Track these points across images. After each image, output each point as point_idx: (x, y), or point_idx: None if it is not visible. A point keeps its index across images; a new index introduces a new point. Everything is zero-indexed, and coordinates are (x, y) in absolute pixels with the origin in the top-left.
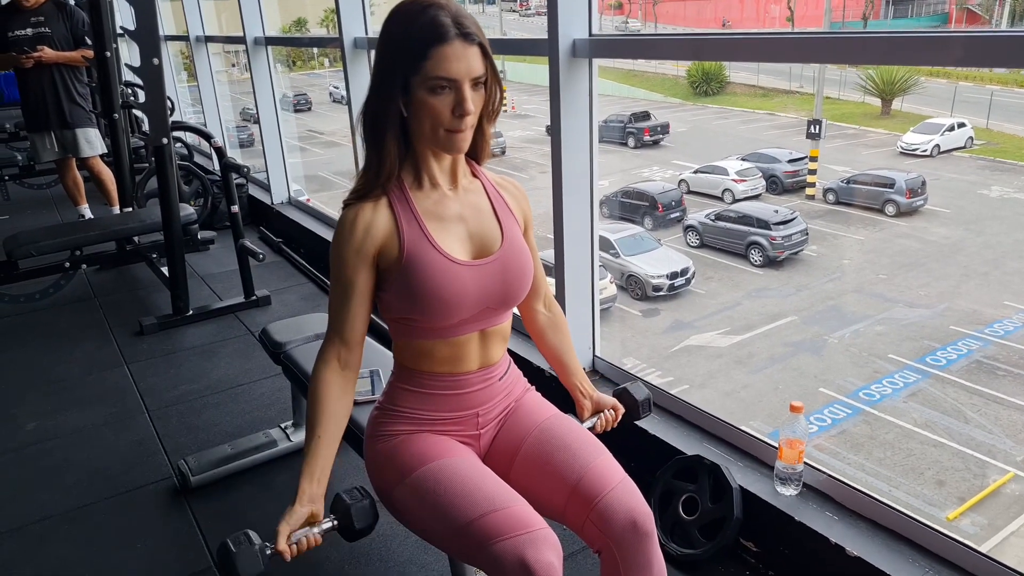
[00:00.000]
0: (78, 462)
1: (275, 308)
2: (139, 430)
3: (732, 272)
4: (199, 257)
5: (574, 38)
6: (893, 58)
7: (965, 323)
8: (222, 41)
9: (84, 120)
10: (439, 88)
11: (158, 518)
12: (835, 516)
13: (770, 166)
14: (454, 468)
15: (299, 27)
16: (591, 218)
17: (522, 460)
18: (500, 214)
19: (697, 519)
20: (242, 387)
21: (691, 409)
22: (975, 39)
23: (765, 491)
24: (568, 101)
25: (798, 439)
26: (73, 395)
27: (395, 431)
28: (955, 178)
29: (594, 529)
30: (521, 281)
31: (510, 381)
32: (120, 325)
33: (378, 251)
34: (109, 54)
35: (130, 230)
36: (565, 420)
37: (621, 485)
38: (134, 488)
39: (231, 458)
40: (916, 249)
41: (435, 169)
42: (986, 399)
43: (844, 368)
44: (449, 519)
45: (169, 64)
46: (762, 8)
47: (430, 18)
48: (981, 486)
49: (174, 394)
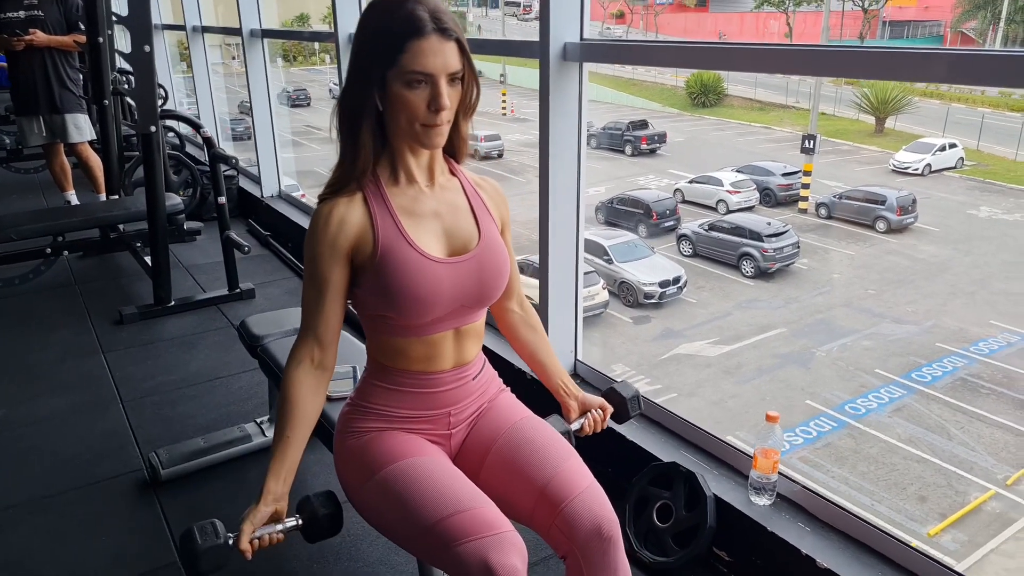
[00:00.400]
0: (47, 451)
1: (259, 301)
2: (111, 420)
3: (723, 282)
4: (185, 247)
5: (565, 41)
6: (879, 72)
7: (951, 341)
8: (219, 32)
9: (74, 105)
10: (415, 82)
11: (125, 510)
12: (807, 527)
13: (764, 179)
14: (422, 467)
15: (302, 22)
16: (577, 222)
17: (492, 461)
18: (477, 212)
19: (671, 526)
20: (220, 380)
21: (669, 416)
22: (961, 57)
23: (739, 500)
24: (558, 103)
25: (773, 449)
26: (47, 382)
27: (366, 428)
28: (945, 197)
29: (559, 534)
30: (497, 280)
31: (484, 381)
32: (100, 313)
33: (352, 246)
34: (102, 40)
35: (114, 217)
36: (537, 422)
37: (588, 490)
38: (103, 479)
39: (203, 452)
40: (905, 266)
41: (412, 165)
42: (969, 416)
43: (831, 381)
44: (414, 519)
45: (166, 53)
46: (761, 23)
47: (407, 12)
48: (962, 503)
49: (150, 385)
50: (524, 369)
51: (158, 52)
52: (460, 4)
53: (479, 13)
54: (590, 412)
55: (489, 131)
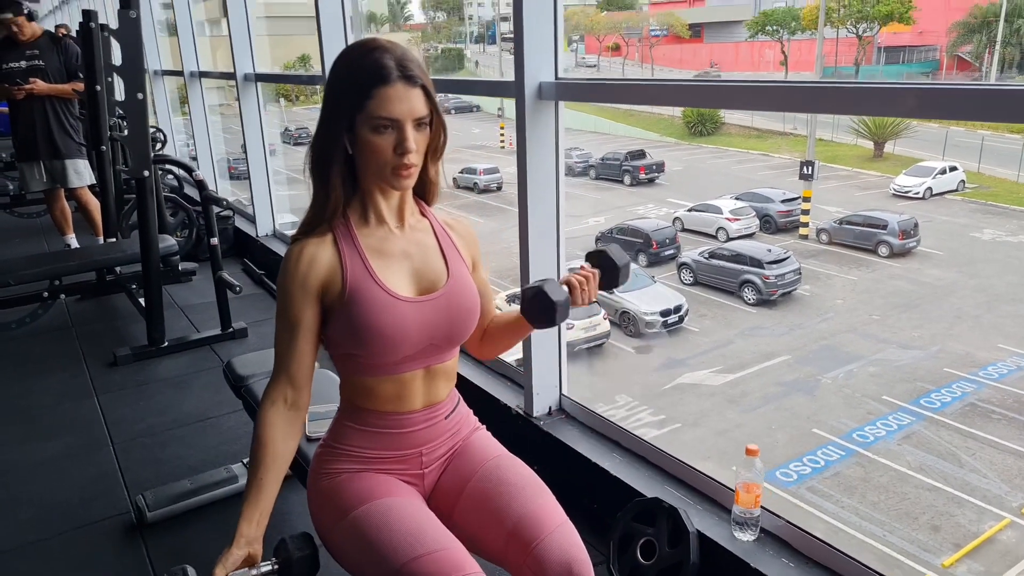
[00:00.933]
0: (36, 495)
1: (251, 340)
2: (101, 463)
3: (725, 310)
4: (181, 288)
5: (540, 81)
6: (846, 108)
7: (959, 365)
8: (216, 77)
9: (74, 151)
10: (382, 127)
11: (110, 554)
12: (791, 563)
13: (764, 205)
14: (392, 508)
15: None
16: (558, 256)
17: (465, 501)
18: (447, 252)
19: (655, 563)
20: (210, 420)
21: (652, 450)
22: (926, 91)
23: (722, 536)
24: (534, 142)
25: (754, 483)
26: (40, 426)
27: (338, 469)
28: (947, 220)
29: (530, 574)
30: (467, 319)
31: (457, 420)
32: (95, 355)
33: (322, 286)
34: (100, 88)
35: (109, 260)
36: (511, 461)
37: (559, 530)
38: (90, 523)
39: (190, 493)
40: (909, 290)
41: (382, 206)
42: (981, 443)
43: (837, 409)
44: (383, 560)
45: (166, 98)
46: (756, 53)
47: (374, 60)
48: (977, 532)
49: (141, 426)
50: (509, 405)
51: (158, 97)
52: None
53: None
54: (573, 276)
55: (488, 164)
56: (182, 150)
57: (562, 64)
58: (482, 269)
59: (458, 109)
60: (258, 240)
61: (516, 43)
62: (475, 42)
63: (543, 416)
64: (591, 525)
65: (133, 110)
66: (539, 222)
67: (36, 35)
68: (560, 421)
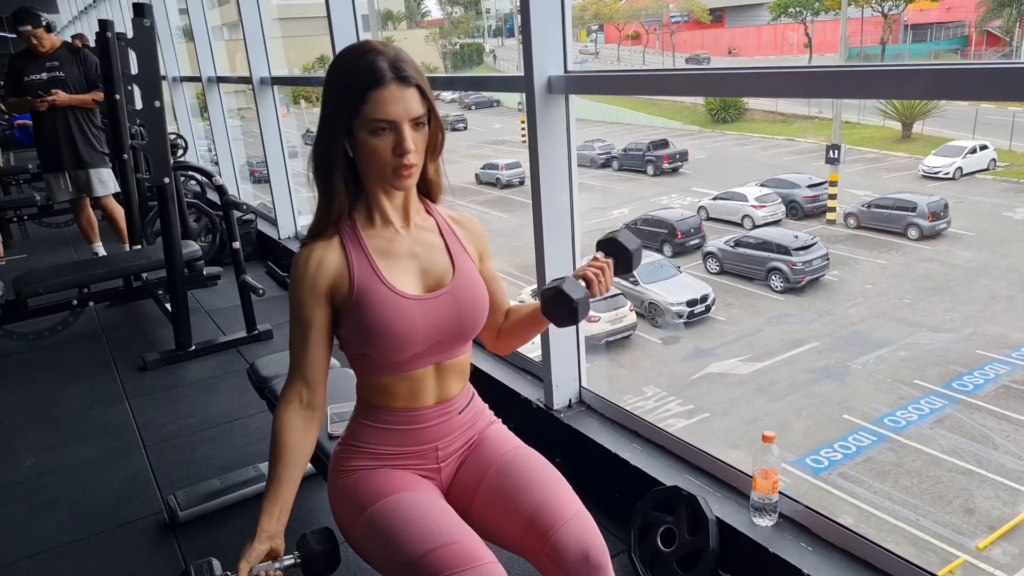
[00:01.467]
0: (72, 497)
1: (276, 341)
2: (134, 465)
3: (752, 298)
4: (206, 293)
5: (549, 75)
6: (859, 92)
7: (992, 347)
8: (234, 82)
9: (97, 160)
10: (379, 129)
11: (145, 553)
12: (810, 547)
13: (790, 191)
14: (408, 502)
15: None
16: (573, 250)
17: (482, 494)
18: (452, 249)
19: (675, 551)
20: (238, 421)
21: (672, 439)
22: (939, 72)
23: (742, 522)
24: (545, 136)
25: (772, 469)
26: (73, 430)
27: (356, 466)
28: (979, 200)
29: (548, 562)
30: (475, 314)
31: (471, 415)
32: (125, 361)
33: (330, 288)
34: (119, 97)
35: (135, 267)
36: (527, 452)
37: (575, 518)
38: (124, 523)
39: (219, 492)
40: (940, 273)
41: (387, 207)
42: (1015, 424)
43: (868, 394)
44: (400, 553)
45: (185, 104)
46: (779, 35)
47: (368, 63)
48: (1012, 514)
49: (171, 429)
50: (530, 398)
51: (178, 104)
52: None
53: (495, 43)
54: (587, 269)
55: (510, 159)
56: (204, 155)
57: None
58: (490, 261)
59: (478, 105)
60: (280, 243)
61: (524, 38)
62: (493, 35)
63: (563, 409)
64: (612, 515)
65: (151, 118)
66: (553, 215)
67: (55, 47)
68: (580, 413)
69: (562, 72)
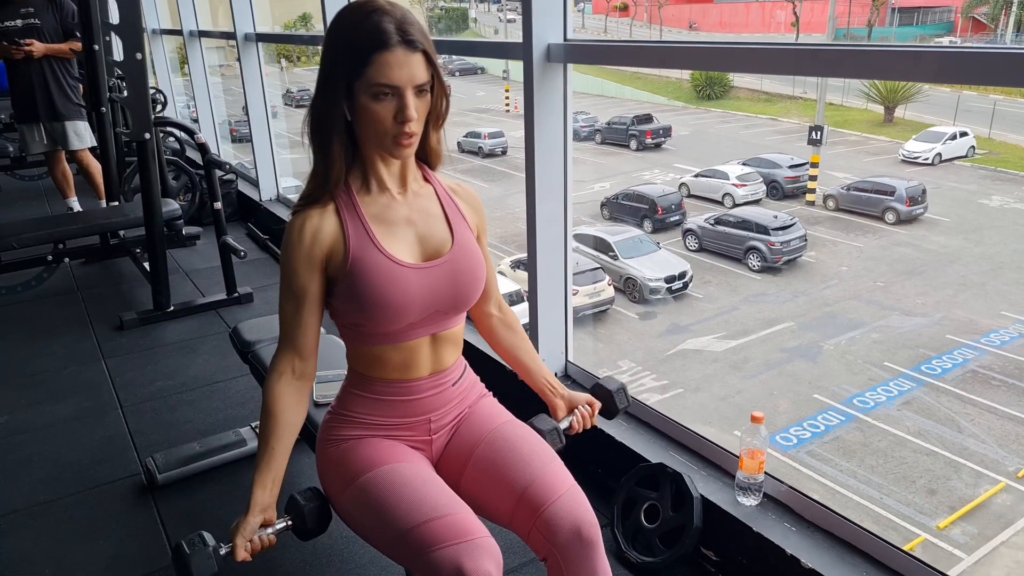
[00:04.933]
0: (47, 456)
1: (257, 305)
2: (111, 426)
3: (730, 276)
4: (185, 252)
5: (548, 42)
6: (868, 72)
7: (961, 332)
8: (215, 36)
9: (73, 113)
10: (381, 94)
11: (123, 515)
12: (793, 527)
13: (771, 171)
14: (400, 473)
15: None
16: (565, 222)
17: (473, 467)
18: (451, 218)
19: (658, 527)
20: (218, 384)
21: (657, 416)
22: (948, 55)
23: (726, 500)
24: (542, 105)
25: (759, 449)
26: (48, 389)
27: (346, 436)
28: (956, 187)
29: (539, 537)
30: (472, 284)
31: (464, 387)
32: (101, 319)
33: (326, 257)
34: (98, 47)
35: (113, 224)
36: (518, 426)
37: (568, 493)
38: (101, 484)
39: (199, 456)
40: (914, 257)
41: (383, 173)
42: (980, 408)
43: (839, 375)
44: (390, 525)
45: (165, 58)
46: (768, 13)
47: (373, 24)
48: (972, 496)
49: (149, 390)
50: None
51: (157, 58)
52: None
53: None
54: (577, 409)
55: (492, 128)
56: (183, 112)
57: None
58: (485, 239)
59: (462, 71)
60: (262, 205)
61: (524, 3)
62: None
63: None
64: (595, 490)
65: (132, 71)
66: (547, 187)
67: None
68: (566, 386)
69: (561, 40)
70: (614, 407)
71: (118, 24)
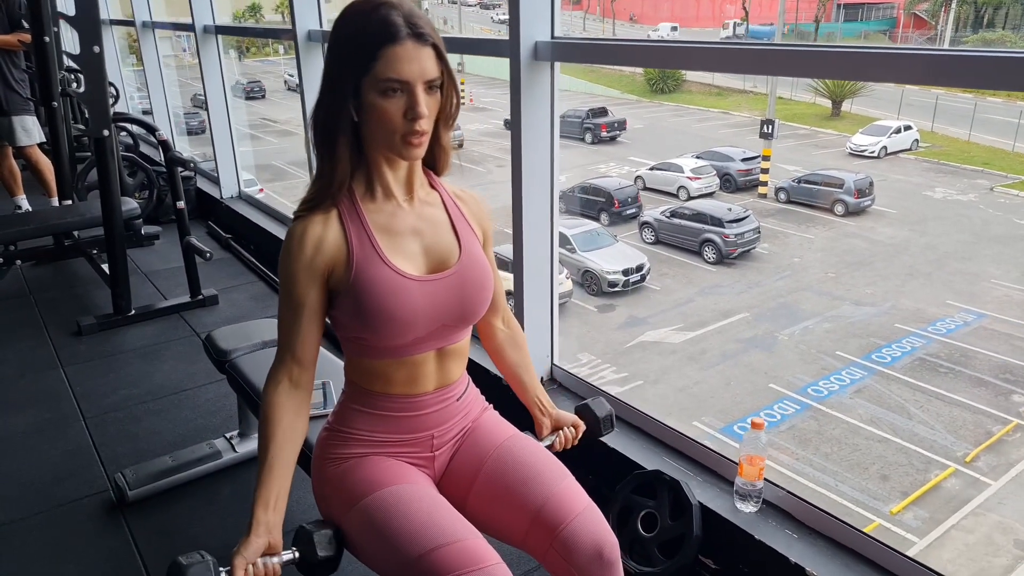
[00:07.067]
0: (5, 473)
1: (223, 308)
2: (74, 438)
3: (686, 269)
4: (143, 253)
5: (536, 40)
6: (845, 73)
7: (909, 321)
8: (171, 28)
9: (21, 107)
10: (390, 90)
11: (92, 535)
12: (794, 534)
13: (724, 164)
14: (406, 496)
15: (253, 13)
16: (551, 222)
17: (481, 485)
18: (458, 227)
19: (656, 536)
20: (186, 392)
21: (652, 422)
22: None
23: (725, 507)
24: (529, 103)
25: (758, 456)
26: (3, 399)
27: (345, 454)
28: (901, 179)
29: (557, 557)
30: (480, 296)
31: (468, 401)
32: (57, 324)
33: (328, 268)
34: (48, 39)
35: (69, 224)
36: (525, 441)
37: (585, 512)
38: (67, 502)
39: (172, 470)
40: (863, 248)
41: (389, 179)
42: (928, 395)
43: (793, 364)
44: (398, 552)
45: (115, 48)
46: (717, 8)
47: (381, 17)
48: (923, 481)
49: (113, 399)
50: (499, 375)
51: (108, 49)
52: None
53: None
54: (562, 429)
55: None
56: (135, 107)
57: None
58: (491, 247)
59: None
60: (223, 202)
61: (511, 0)
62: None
63: None
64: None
65: (89, 64)
66: (533, 186)
67: None
68: (552, 392)
69: (549, 38)
70: (598, 431)
71: (74, 16)
